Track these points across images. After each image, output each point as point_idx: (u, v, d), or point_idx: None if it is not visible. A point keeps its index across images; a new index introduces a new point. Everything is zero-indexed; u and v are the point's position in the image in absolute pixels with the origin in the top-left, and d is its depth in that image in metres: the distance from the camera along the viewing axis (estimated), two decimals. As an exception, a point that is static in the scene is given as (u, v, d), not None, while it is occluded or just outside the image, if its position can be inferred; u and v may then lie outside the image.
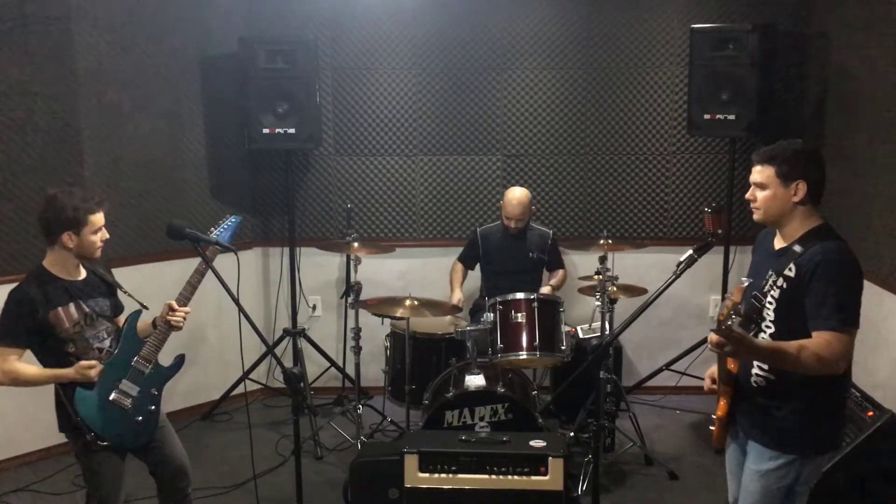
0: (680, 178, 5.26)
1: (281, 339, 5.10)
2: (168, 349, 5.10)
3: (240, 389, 4.96)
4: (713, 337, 2.39)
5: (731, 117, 4.70)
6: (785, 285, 2.52)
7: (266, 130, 4.76)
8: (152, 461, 3.24)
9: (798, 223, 2.58)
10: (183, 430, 4.83)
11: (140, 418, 3.08)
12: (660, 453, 4.46)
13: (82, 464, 3.07)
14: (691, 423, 4.94)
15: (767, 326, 2.57)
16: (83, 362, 2.95)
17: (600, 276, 4.23)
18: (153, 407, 3.13)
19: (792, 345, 2.42)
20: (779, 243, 2.65)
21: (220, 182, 5.12)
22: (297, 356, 5.12)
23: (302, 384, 3.16)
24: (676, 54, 5.10)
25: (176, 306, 3.13)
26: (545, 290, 4.67)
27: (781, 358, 2.44)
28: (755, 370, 2.60)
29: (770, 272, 2.57)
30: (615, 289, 4.38)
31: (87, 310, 3.05)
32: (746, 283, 2.50)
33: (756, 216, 2.66)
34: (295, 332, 5.11)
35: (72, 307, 3.01)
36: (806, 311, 2.47)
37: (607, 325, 4.32)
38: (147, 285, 4.69)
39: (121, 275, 4.47)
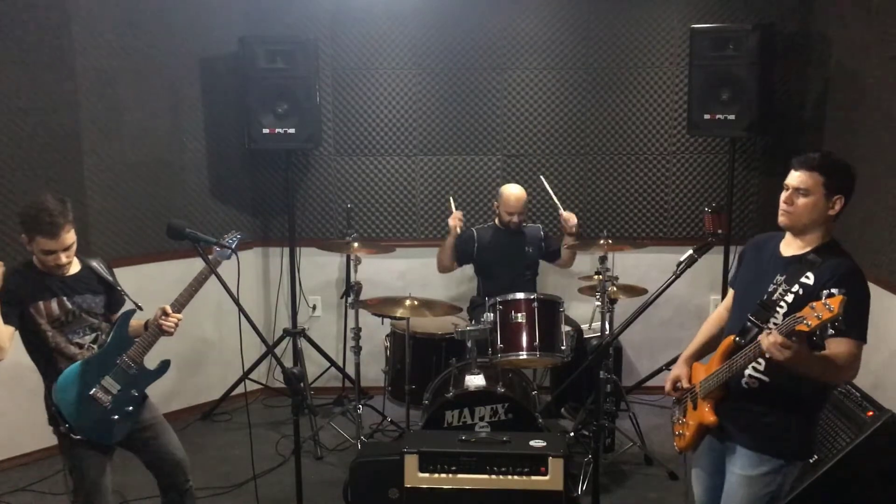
0: (680, 178, 5.26)
1: (281, 339, 5.10)
2: (171, 350, 5.12)
3: (240, 389, 4.96)
4: (779, 339, 2.33)
5: (731, 117, 4.70)
6: (801, 291, 2.50)
7: (266, 130, 4.76)
8: (147, 458, 3.25)
9: (818, 235, 2.57)
10: (183, 430, 4.84)
11: (116, 417, 3.08)
12: (660, 453, 4.45)
13: (65, 458, 3.09)
14: (691, 423, 4.93)
15: (770, 325, 2.56)
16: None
17: (600, 276, 4.23)
18: (131, 408, 3.13)
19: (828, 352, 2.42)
20: (790, 250, 2.62)
21: (220, 182, 5.12)
22: (297, 356, 5.12)
23: (302, 384, 3.15)
24: (676, 54, 5.10)
25: (170, 311, 3.12)
26: (568, 240, 4.71)
27: (824, 365, 2.43)
28: (749, 371, 2.58)
29: (777, 277, 2.57)
30: (615, 289, 4.38)
31: (70, 306, 3.05)
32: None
33: (784, 220, 2.58)
34: (295, 332, 5.11)
35: (54, 303, 3.02)
36: None
37: (607, 325, 4.32)
38: (147, 285, 4.69)
39: (121, 274, 4.49)
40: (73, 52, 4.40)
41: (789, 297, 2.52)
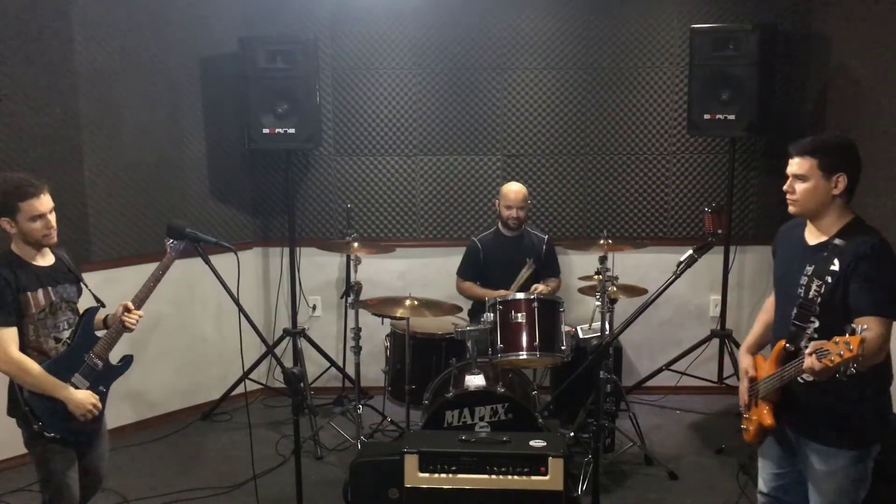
0: (680, 178, 5.26)
1: (281, 339, 5.11)
2: (172, 350, 5.13)
3: (240, 389, 4.95)
4: (816, 365, 2.35)
5: (731, 117, 4.71)
6: (830, 279, 2.52)
7: (266, 130, 4.76)
8: (83, 463, 3.18)
9: (835, 217, 2.59)
10: (183, 430, 4.86)
11: None
12: (660, 453, 4.46)
13: (32, 454, 3.06)
14: (691, 423, 4.94)
15: (811, 321, 2.57)
16: (83, 398, 2.98)
17: (600, 276, 4.23)
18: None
19: None
20: (813, 238, 2.65)
21: (220, 182, 5.12)
22: (297, 356, 5.13)
23: (302, 384, 3.15)
24: (676, 54, 5.10)
25: (132, 307, 3.11)
26: (540, 287, 4.66)
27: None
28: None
29: (806, 268, 2.59)
30: (615, 289, 4.38)
31: (53, 297, 3.03)
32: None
33: (793, 209, 2.64)
34: (295, 332, 5.11)
35: (40, 293, 3.00)
36: (850, 298, 2.48)
37: (607, 325, 4.32)
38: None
39: (121, 274, 4.50)
40: (72, 52, 4.40)
41: (823, 290, 2.53)
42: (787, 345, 2.62)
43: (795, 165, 2.60)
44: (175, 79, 4.85)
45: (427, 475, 3.36)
